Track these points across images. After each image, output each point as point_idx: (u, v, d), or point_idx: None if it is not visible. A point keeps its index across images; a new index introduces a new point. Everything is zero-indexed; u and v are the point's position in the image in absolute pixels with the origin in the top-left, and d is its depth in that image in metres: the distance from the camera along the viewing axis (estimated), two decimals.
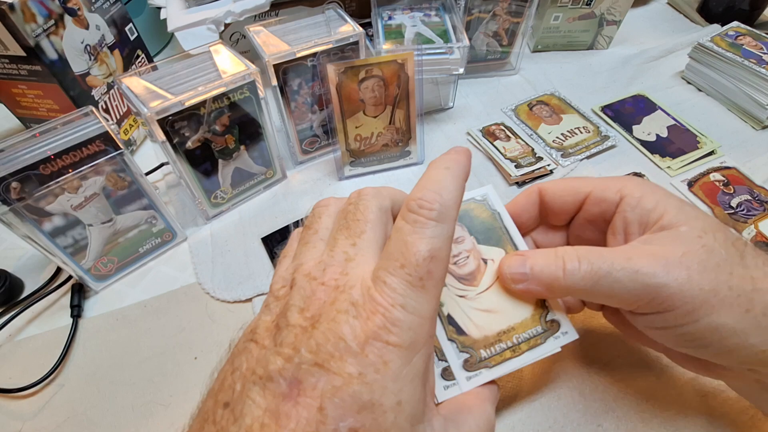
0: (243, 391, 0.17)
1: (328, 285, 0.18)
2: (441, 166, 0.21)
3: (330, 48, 0.41)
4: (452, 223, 0.19)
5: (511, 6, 0.53)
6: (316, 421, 0.15)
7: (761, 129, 0.50)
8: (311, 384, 0.16)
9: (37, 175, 0.32)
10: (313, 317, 0.17)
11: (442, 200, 0.19)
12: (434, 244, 0.18)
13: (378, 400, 0.16)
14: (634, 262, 0.21)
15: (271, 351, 0.17)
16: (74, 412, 0.33)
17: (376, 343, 0.16)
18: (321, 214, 0.22)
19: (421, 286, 0.17)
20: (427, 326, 0.18)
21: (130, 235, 0.39)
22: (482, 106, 0.55)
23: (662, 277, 0.20)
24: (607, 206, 0.25)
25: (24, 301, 0.39)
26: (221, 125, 0.39)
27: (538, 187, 0.28)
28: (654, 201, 0.23)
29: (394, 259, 0.18)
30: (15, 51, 0.40)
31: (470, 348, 0.23)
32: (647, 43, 0.63)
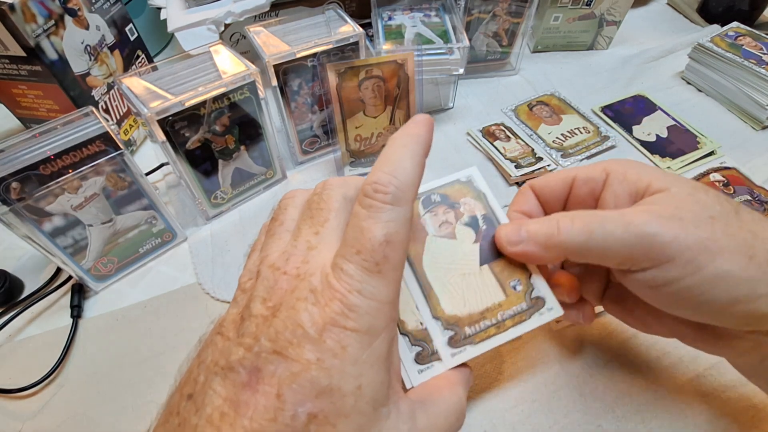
0: (206, 383, 0.17)
1: (289, 274, 0.18)
2: (397, 143, 0.20)
3: (330, 48, 0.41)
4: (410, 205, 0.19)
5: (511, 6, 0.53)
6: (274, 407, 0.15)
7: (761, 129, 0.50)
8: (270, 372, 0.16)
9: (37, 176, 0.32)
10: (275, 306, 0.17)
11: (398, 182, 0.18)
12: (390, 228, 0.18)
13: (337, 384, 0.16)
14: (627, 216, 0.21)
15: (233, 342, 0.17)
16: (74, 412, 0.33)
17: (334, 329, 0.17)
18: (287, 205, 0.22)
19: (377, 272, 0.17)
20: (387, 311, 0.18)
21: (130, 236, 0.39)
22: (482, 107, 0.55)
23: (656, 227, 0.20)
24: (594, 184, 0.25)
25: (24, 301, 0.39)
26: (221, 125, 0.39)
27: (529, 184, 0.28)
28: (637, 173, 0.24)
29: (350, 245, 0.18)
30: (15, 51, 0.40)
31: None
32: (647, 44, 0.63)
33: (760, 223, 0.21)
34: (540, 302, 0.24)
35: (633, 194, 0.24)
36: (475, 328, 0.23)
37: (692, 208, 0.21)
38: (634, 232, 0.21)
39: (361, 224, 0.18)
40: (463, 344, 0.23)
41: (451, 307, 0.25)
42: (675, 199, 0.21)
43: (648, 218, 0.21)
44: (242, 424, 0.15)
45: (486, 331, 0.24)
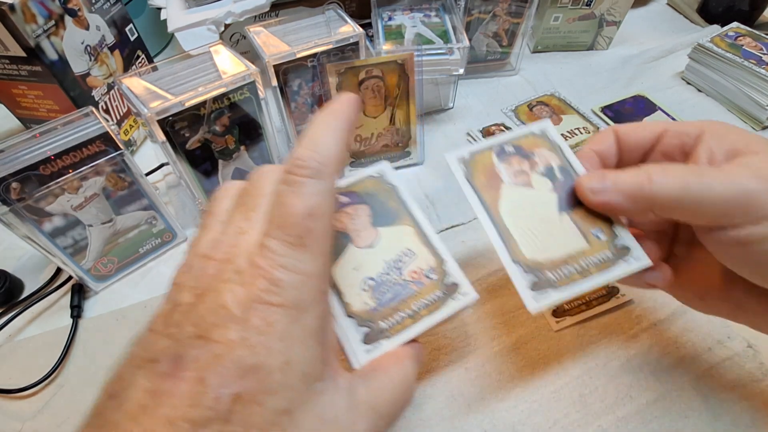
0: (129, 378, 0.16)
1: (217, 259, 0.18)
2: (317, 120, 0.20)
3: (330, 48, 0.41)
4: (331, 179, 0.19)
5: (511, 7, 0.53)
6: (196, 392, 0.15)
7: (761, 129, 0.50)
8: (193, 357, 0.16)
9: (37, 176, 0.32)
10: (201, 293, 0.17)
11: (318, 156, 0.18)
12: (311, 201, 0.18)
13: (263, 361, 0.16)
14: (728, 172, 0.21)
15: (159, 334, 0.17)
16: (74, 412, 0.33)
17: (259, 306, 0.16)
18: (221, 197, 0.22)
19: (301, 245, 0.17)
20: (314, 284, 0.18)
21: (130, 236, 0.39)
22: (482, 107, 0.55)
23: (756, 183, 0.20)
24: (687, 138, 0.24)
25: (24, 301, 0.39)
26: (221, 126, 0.39)
27: (613, 128, 0.27)
28: (736, 134, 0.23)
29: (273, 222, 0.18)
30: (15, 51, 0.40)
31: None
32: (647, 44, 0.63)
33: None
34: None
35: (729, 153, 0.23)
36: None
37: None
38: (736, 188, 0.20)
39: (283, 200, 0.18)
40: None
41: (531, 252, 0.25)
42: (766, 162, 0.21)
43: (749, 175, 0.21)
44: (163, 414, 0.15)
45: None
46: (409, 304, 0.24)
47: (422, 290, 0.24)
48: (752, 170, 0.21)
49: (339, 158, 0.19)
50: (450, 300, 0.24)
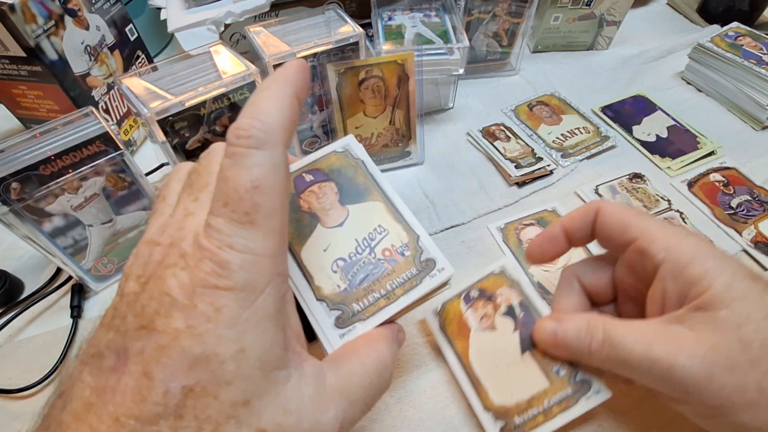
0: (76, 375, 0.16)
1: (163, 244, 0.17)
2: (261, 87, 0.18)
3: (330, 48, 0.41)
4: (279, 148, 0.17)
5: (511, 6, 0.53)
6: (142, 387, 0.14)
7: (761, 129, 0.50)
8: (137, 349, 0.15)
9: (37, 176, 0.32)
10: (146, 281, 0.16)
11: (260, 124, 0.17)
12: (256, 173, 0.16)
13: (212, 350, 0.15)
14: (654, 350, 0.20)
15: (105, 327, 0.16)
16: None
17: (205, 291, 0.15)
18: (171, 180, 0.20)
19: (249, 222, 0.16)
20: (266, 264, 0.16)
21: (130, 236, 0.39)
22: (482, 107, 0.55)
23: (680, 371, 0.20)
24: (648, 263, 0.23)
25: (24, 301, 0.39)
26: (221, 126, 0.39)
27: (598, 205, 0.26)
28: (702, 270, 0.21)
29: (217, 199, 0.16)
30: (15, 51, 0.40)
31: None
32: (647, 44, 0.63)
33: None
34: (585, 386, 0.24)
35: (683, 297, 0.22)
36: (524, 417, 0.23)
37: (731, 348, 0.19)
38: (657, 373, 0.20)
39: (226, 174, 0.16)
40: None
41: (499, 398, 0.27)
42: (718, 332, 0.20)
43: (674, 357, 0.20)
44: (107, 412, 0.14)
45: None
46: (383, 283, 0.23)
47: (396, 268, 0.23)
48: (683, 348, 0.20)
49: (285, 126, 0.18)
50: (427, 277, 0.23)
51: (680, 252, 0.22)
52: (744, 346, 0.19)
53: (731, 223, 0.41)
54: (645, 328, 0.22)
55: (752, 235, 0.40)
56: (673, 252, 0.22)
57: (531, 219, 0.42)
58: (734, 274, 0.21)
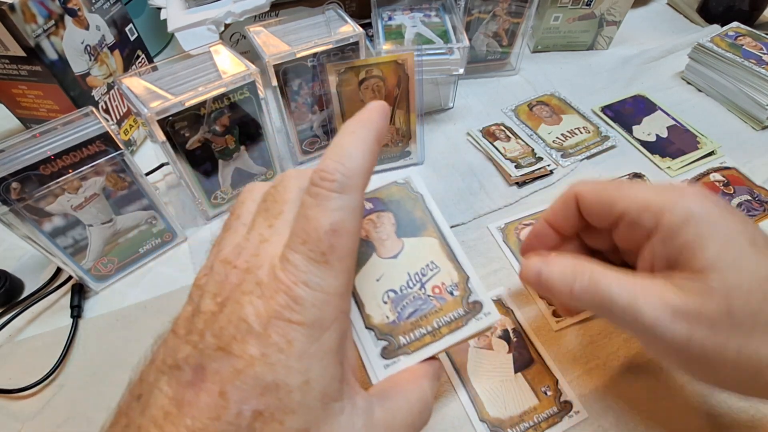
0: (153, 382, 0.17)
1: (239, 268, 0.18)
2: (347, 130, 0.19)
3: (330, 48, 0.41)
4: (358, 193, 0.18)
5: (511, 6, 0.53)
6: (217, 405, 0.15)
7: (761, 129, 0.50)
8: (214, 369, 0.16)
9: (37, 176, 0.32)
10: (223, 301, 0.17)
11: (345, 169, 0.18)
12: (336, 217, 0.17)
13: (282, 380, 0.16)
14: (640, 304, 0.20)
15: (182, 339, 0.17)
16: (74, 412, 0.33)
17: (278, 323, 0.16)
18: (245, 199, 0.21)
19: (324, 262, 0.17)
20: (335, 302, 0.17)
21: (130, 236, 0.39)
22: (482, 107, 0.55)
23: (662, 328, 0.20)
24: (640, 233, 0.23)
25: (24, 301, 0.39)
26: (221, 126, 0.39)
27: (575, 193, 0.26)
28: (694, 234, 0.21)
29: (297, 235, 0.17)
30: (15, 51, 0.40)
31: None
32: (647, 44, 0.63)
33: None
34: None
35: (672, 261, 0.22)
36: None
37: (716, 313, 0.19)
38: (640, 326, 0.20)
39: (307, 213, 0.17)
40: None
41: (495, 411, 0.30)
42: (704, 295, 0.20)
43: (659, 317, 0.20)
44: (185, 424, 0.15)
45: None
46: (430, 320, 0.23)
47: (444, 306, 0.23)
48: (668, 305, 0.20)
49: (366, 171, 0.19)
50: (473, 320, 0.23)
51: (672, 215, 0.22)
52: (731, 313, 0.20)
53: None
54: (632, 280, 0.22)
55: None
56: (666, 217, 0.22)
57: (531, 219, 0.42)
58: (728, 239, 0.20)
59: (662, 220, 0.22)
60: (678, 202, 0.22)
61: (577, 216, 0.26)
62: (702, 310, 0.20)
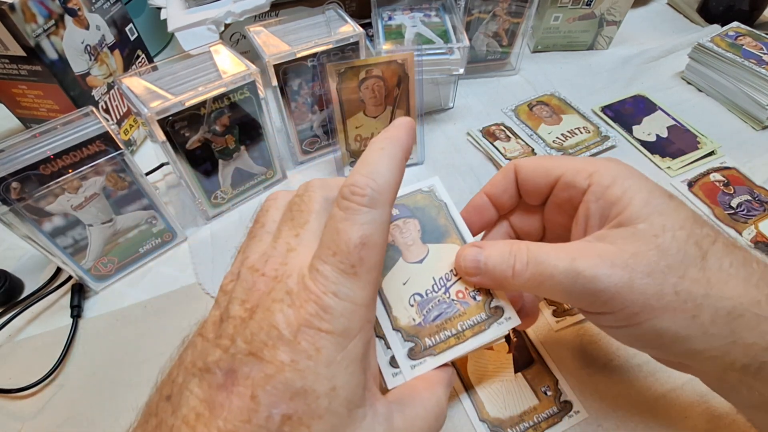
0: (183, 384, 0.17)
1: (267, 276, 0.18)
2: (376, 146, 0.20)
3: (330, 48, 0.41)
4: (387, 208, 0.19)
5: (511, 6, 0.53)
6: (248, 409, 0.16)
7: (761, 129, 0.50)
8: (245, 373, 0.16)
9: (37, 176, 0.32)
10: (252, 308, 0.18)
11: (375, 185, 0.18)
12: (366, 231, 0.18)
13: (311, 386, 0.16)
14: (578, 264, 0.21)
15: (211, 343, 0.17)
16: (74, 412, 0.33)
17: (308, 331, 0.17)
18: (269, 207, 0.22)
19: (353, 273, 0.18)
20: (362, 312, 0.18)
21: (130, 236, 0.39)
22: (482, 107, 0.55)
23: (603, 280, 0.20)
24: (575, 193, 0.25)
25: (24, 301, 0.39)
26: (221, 125, 0.39)
27: (514, 165, 0.27)
28: (621, 190, 0.23)
29: (327, 247, 0.18)
30: (15, 51, 0.40)
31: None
32: (647, 44, 0.63)
33: (726, 271, 0.21)
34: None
35: (604, 217, 0.23)
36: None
37: (649, 255, 0.20)
38: (581, 285, 0.21)
39: (338, 226, 0.18)
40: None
41: (495, 411, 0.30)
42: (636, 242, 0.21)
43: (597, 270, 0.21)
44: (217, 425, 0.15)
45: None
46: (454, 323, 0.24)
47: (467, 311, 0.24)
48: (603, 259, 0.21)
49: (394, 187, 0.19)
50: (494, 324, 0.24)
51: (602, 175, 0.23)
52: (661, 252, 0.20)
53: (731, 223, 0.41)
54: (568, 246, 0.23)
55: (752, 235, 0.40)
56: (596, 176, 0.24)
57: None
58: (651, 192, 0.22)
59: (593, 179, 0.24)
60: (605, 164, 0.24)
61: (515, 189, 0.28)
62: (636, 254, 0.21)
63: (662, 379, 0.31)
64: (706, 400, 0.30)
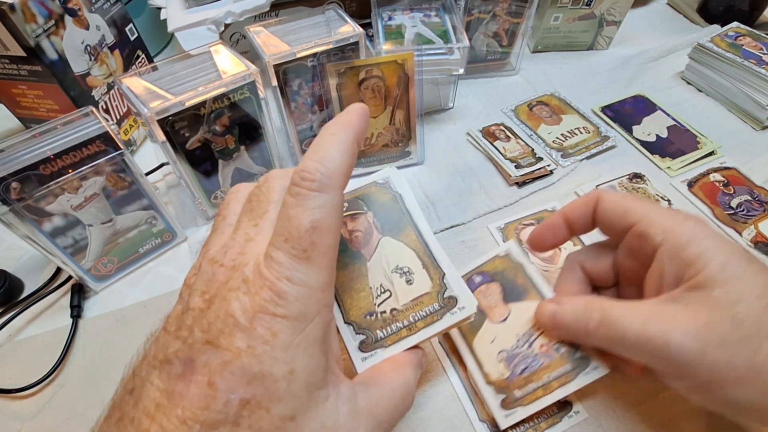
0: (145, 377, 0.17)
1: (226, 266, 0.18)
2: (327, 132, 0.20)
3: (330, 48, 0.41)
4: (337, 191, 0.19)
5: (511, 6, 0.53)
6: (206, 395, 0.16)
7: (761, 129, 0.50)
8: (203, 362, 0.16)
9: (37, 176, 0.32)
10: (210, 298, 0.18)
11: (324, 169, 0.18)
12: (316, 215, 0.18)
13: (268, 370, 0.16)
14: (648, 328, 0.21)
15: (172, 336, 0.18)
16: (74, 412, 0.33)
17: (264, 317, 0.17)
18: (231, 200, 0.22)
19: (305, 258, 0.18)
20: (318, 296, 0.18)
21: (130, 236, 0.39)
22: (482, 107, 0.55)
23: (674, 347, 0.20)
24: (648, 246, 0.24)
25: (24, 301, 0.39)
26: (221, 125, 0.39)
27: (597, 195, 0.27)
28: (698, 251, 0.22)
29: (279, 234, 0.18)
30: (15, 51, 0.40)
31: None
32: (647, 44, 0.63)
33: None
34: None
35: (679, 277, 0.23)
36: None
37: (723, 327, 0.20)
38: (652, 351, 0.21)
39: (289, 212, 0.18)
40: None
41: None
42: (712, 310, 0.21)
43: (669, 337, 0.21)
44: (176, 414, 0.16)
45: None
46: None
47: (551, 363, 0.27)
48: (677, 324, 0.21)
49: (345, 171, 0.20)
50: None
51: (678, 234, 0.23)
52: (736, 323, 0.20)
53: (731, 223, 0.41)
54: (641, 307, 0.23)
55: (752, 235, 0.40)
56: (671, 234, 0.23)
57: (531, 219, 0.42)
58: (730, 256, 0.22)
59: (668, 236, 0.23)
60: (683, 222, 0.23)
61: (591, 218, 0.27)
62: (710, 322, 0.20)
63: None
64: None
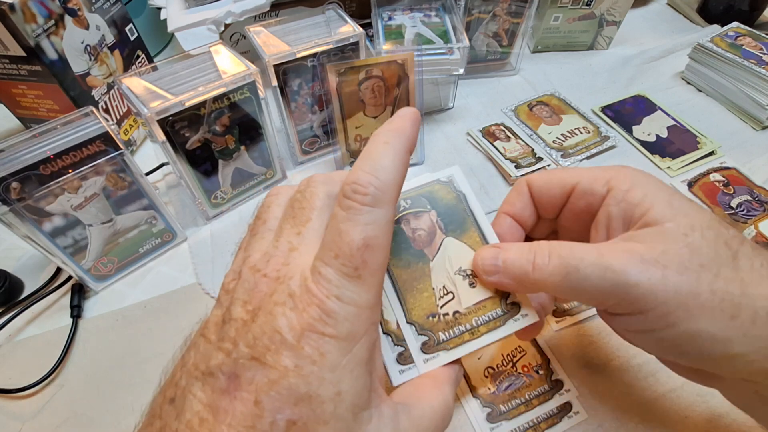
0: (186, 387, 0.17)
1: (269, 276, 0.18)
2: (381, 139, 0.19)
3: (330, 48, 0.41)
4: (390, 206, 0.18)
5: (511, 6, 0.53)
6: (252, 414, 0.15)
7: (761, 129, 0.50)
8: (248, 378, 0.16)
9: (37, 176, 0.32)
10: (254, 310, 0.17)
11: (378, 182, 0.17)
12: (369, 232, 0.17)
13: (315, 391, 0.16)
14: (606, 259, 0.20)
15: (214, 346, 0.17)
16: (74, 412, 0.33)
17: (312, 335, 0.16)
18: (270, 203, 0.21)
19: (356, 276, 0.17)
20: (366, 315, 0.18)
21: (130, 236, 0.39)
22: (482, 107, 0.55)
23: (633, 275, 0.19)
24: (593, 199, 0.24)
25: (24, 301, 0.39)
26: (221, 125, 0.39)
27: (526, 180, 0.27)
28: (642, 194, 0.22)
29: (329, 248, 0.17)
30: (15, 51, 0.40)
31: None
32: (647, 44, 0.63)
33: (758, 271, 0.19)
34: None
35: (627, 220, 0.22)
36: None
37: (681, 253, 0.19)
38: (610, 279, 0.19)
39: (340, 227, 0.17)
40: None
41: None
42: (666, 239, 0.20)
43: (627, 263, 0.19)
44: (221, 430, 0.15)
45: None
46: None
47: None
48: (633, 255, 0.20)
49: (398, 183, 0.19)
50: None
51: (621, 180, 0.23)
52: (693, 250, 0.19)
53: (731, 223, 0.41)
54: (593, 244, 0.22)
55: (752, 235, 0.40)
56: (615, 181, 0.23)
57: None
58: (671, 195, 0.22)
59: (612, 184, 0.23)
60: (622, 170, 0.24)
61: (533, 205, 0.27)
62: (667, 251, 0.20)
63: (662, 379, 0.31)
64: (705, 400, 0.30)
